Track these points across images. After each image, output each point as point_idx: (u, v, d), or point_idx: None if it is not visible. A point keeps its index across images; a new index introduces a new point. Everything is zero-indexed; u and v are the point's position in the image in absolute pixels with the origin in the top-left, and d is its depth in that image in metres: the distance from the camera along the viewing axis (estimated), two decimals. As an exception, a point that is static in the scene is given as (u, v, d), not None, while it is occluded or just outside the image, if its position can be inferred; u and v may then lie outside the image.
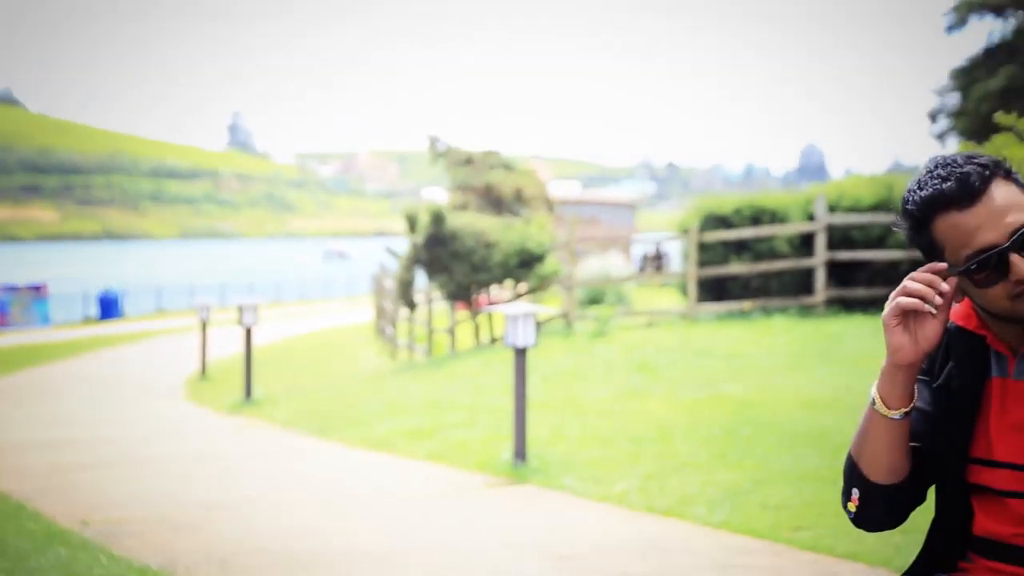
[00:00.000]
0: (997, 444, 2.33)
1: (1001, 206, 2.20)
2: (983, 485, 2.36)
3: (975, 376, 2.37)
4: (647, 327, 17.20)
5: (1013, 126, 21.00)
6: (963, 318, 2.39)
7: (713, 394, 11.17)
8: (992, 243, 2.19)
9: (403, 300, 19.95)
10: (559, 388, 12.28)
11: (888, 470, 2.37)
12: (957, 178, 2.20)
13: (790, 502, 6.96)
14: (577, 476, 8.13)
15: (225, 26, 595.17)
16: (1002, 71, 42.06)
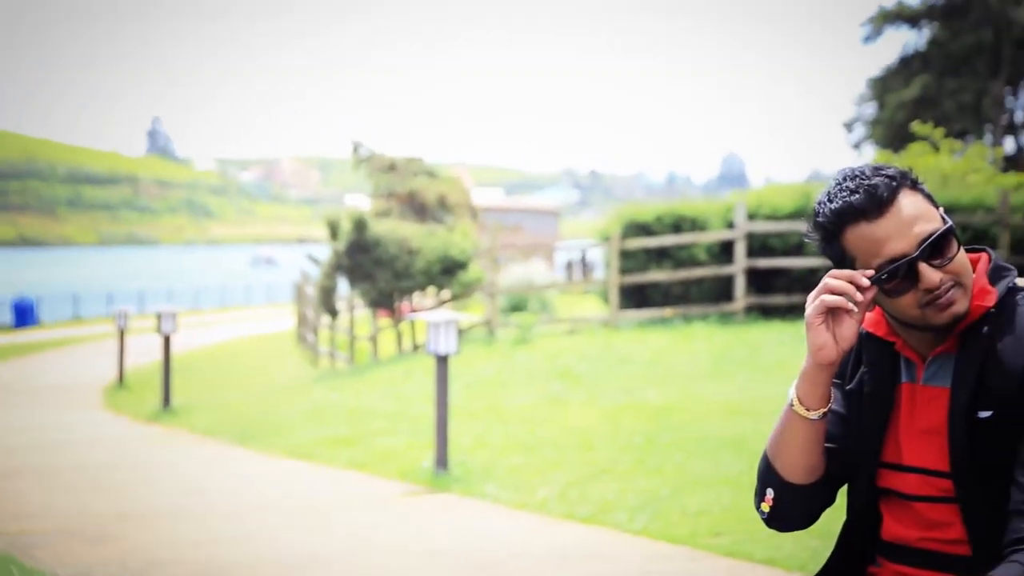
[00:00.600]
0: (906, 449, 2.36)
1: (909, 216, 2.24)
2: (892, 489, 2.39)
3: (886, 382, 2.40)
4: (569, 334, 17.25)
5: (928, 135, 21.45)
6: (873, 325, 2.43)
7: (634, 401, 11.23)
8: (901, 253, 2.22)
9: (325, 307, 19.83)
10: (481, 396, 12.27)
11: (804, 470, 2.40)
12: (865, 190, 2.24)
13: (709, 508, 7.01)
14: (498, 484, 8.13)
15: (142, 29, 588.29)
16: (916, 81, 42.84)
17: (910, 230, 2.23)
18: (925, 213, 2.25)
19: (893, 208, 2.23)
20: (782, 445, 2.40)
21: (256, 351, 26.03)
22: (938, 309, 2.25)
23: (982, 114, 43.21)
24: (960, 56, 43.05)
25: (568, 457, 8.92)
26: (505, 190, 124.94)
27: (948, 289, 2.24)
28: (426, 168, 26.52)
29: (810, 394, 2.33)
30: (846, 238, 2.27)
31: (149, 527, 7.31)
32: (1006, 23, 42.51)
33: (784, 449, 2.40)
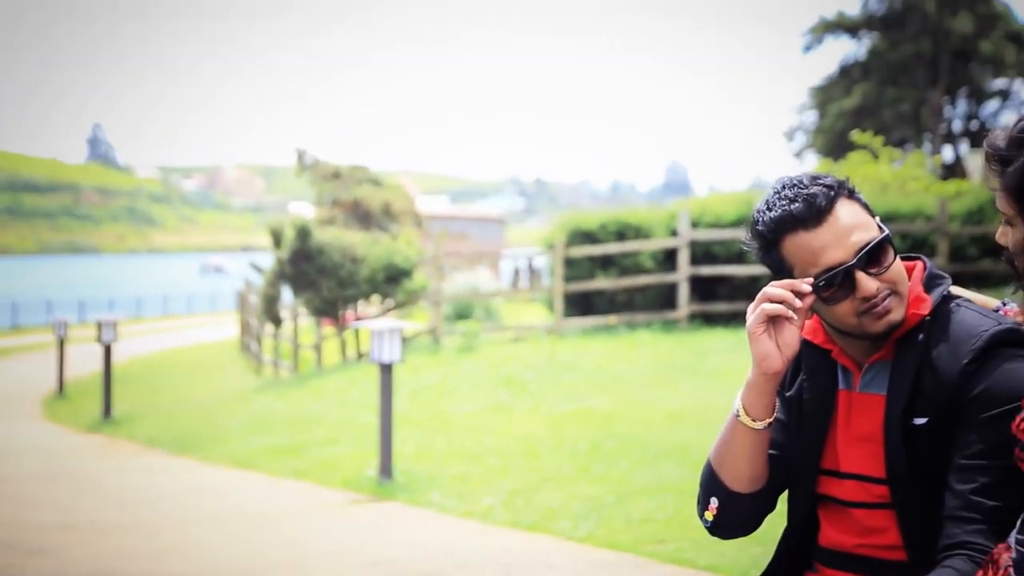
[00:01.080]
0: (843, 456, 2.39)
1: (846, 226, 2.26)
2: (830, 496, 2.41)
3: (824, 389, 2.43)
4: (514, 342, 17.27)
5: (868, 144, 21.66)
6: (811, 332, 2.45)
7: (578, 408, 11.25)
8: (839, 261, 2.25)
9: (268, 316, 19.72)
10: (426, 404, 12.25)
11: (748, 479, 2.41)
12: (804, 199, 2.26)
13: (653, 515, 7.04)
14: (443, 492, 8.12)
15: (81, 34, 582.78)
16: (856, 90, 43.36)
17: (847, 239, 2.25)
18: (862, 222, 2.28)
19: (831, 217, 2.26)
20: (727, 455, 2.41)
21: (199, 360, 25.82)
22: (875, 317, 2.28)
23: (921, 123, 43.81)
24: (899, 66, 43.63)
25: (513, 465, 8.92)
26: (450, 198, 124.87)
27: (885, 297, 2.27)
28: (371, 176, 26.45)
29: (756, 404, 2.34)
30: (784, 247, 2.30)
31: (89, 538, 7.23)
32: (944, 33, 43.15)
33: (729, 459, 2.41)
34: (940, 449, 2.24)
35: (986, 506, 2.14)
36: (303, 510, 8.00)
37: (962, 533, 2.14)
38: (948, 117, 45.33)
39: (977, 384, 2.21)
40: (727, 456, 2.41)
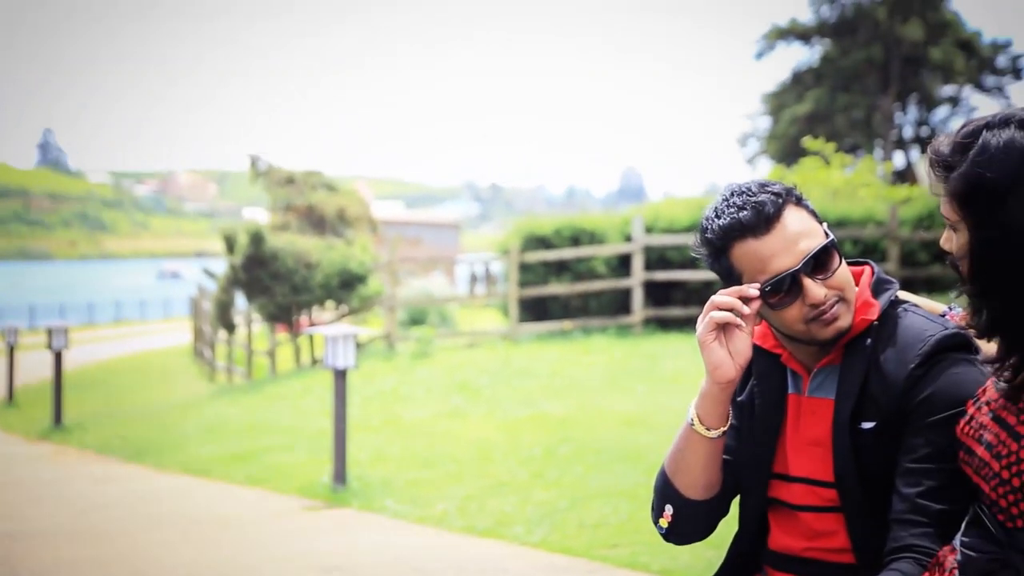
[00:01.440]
0: (792, 460, 2.41)
1: (794, 233, 2.29)
2: (780, 500, 2.43)
3: (775, 393, 2.45)
4: (469, 348, 17.26)
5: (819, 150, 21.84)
6: (760, 338, 2.47)
7: (533, 413, 11.26)
8: (786, 268, 2.27)
9: (221, 322, 19.60)
10: (380, 410, 12.22)
11: (703, 487, 2.43)
12: (752, 207, 2.28)
13: (607, 520, 7.06)
14: (397, 498, 8.10)
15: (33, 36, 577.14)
16: (809, 96, 43.70)
17: (795, 246, 2.28)
18: (809, 229, 2.31)
19: (779, 225, 2.28)
20: (681, 463, 2.43)
21: (152, 367, 25.62)
22: (823, 324, 2.30)
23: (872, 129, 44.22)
24: (851, 72, 44.02)
25: (467, 470, 8.92)
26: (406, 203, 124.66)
27: (832, 304, 2.30)
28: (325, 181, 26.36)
29: (710, 413, 2.36)
30: (733, 254, 2.32)
31: (39, 547, 7.15)
32: (894, 41, 43.59)
33: (683, 467, 2.42)
34: (887, 453, 2.26)
35: (932, 509, 2.16)
36: (256, 517, 7.96)
37: (908, 536, 2.17)
38: (899, 123, 45.78)
39: (923, 389, 2.23)
40: (682, 464, 2.43)
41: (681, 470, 2.43)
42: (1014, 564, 1.96)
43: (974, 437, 2.06)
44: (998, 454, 1.97)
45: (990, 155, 1.93)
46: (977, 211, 1.94)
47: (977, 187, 1.93)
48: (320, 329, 8.92)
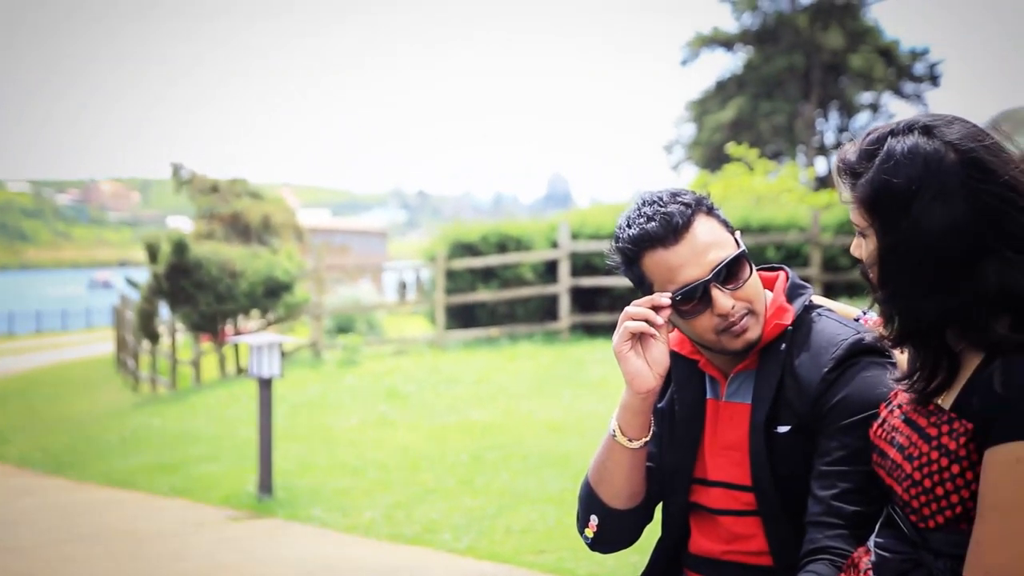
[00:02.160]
0: (711, 464, 2.43)
1: (703, 244, 2.31)
2: (700, 504, 2.45)
3: (693, 399, 2.47)
4: (396, 355, 17.21)
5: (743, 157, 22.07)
6: (678, 344, 2.49)
7: (460, 420, 11.26)
8: (695, 279, 2.30)
9: (144, 332, 19.36)
10: (307, 418, 12.14)
11: (627, 496, 2.45)
12: (661, 217, 2.30)
13: (534, 526, 7.08)
14: (324, 507, 8.06)
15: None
16: (732, 103, 44.13)
17: (704, 257, 2.30)
18: (719, 240, 2.33)
19: (688, 235, 2.30)
20: (605, 474, 2.44)
21: (73, 377, 25.23)
22: (732, 336, 2.33)
23: (795, 135, 44.75)
24: (773, 80, 44.52)
25: (395, 478, 8.90)
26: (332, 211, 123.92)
27: (741, 316, 2.32)
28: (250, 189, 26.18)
29: (631, 424, 2.37)
30: (644, 263, 2.33)
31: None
32: (815, 48, 44.16)
33: (607, 477, 2.44)
34: (803, 456, 2.29)
35: (846, 511, 2.19)
36: (181, 528, 7.87)
37: (824, 538, 2.20)
38: (821, 130, 46.36)
39: (837, 392, 2.27)
40: (605, 475, 2.44)
41: (604, 481, 2.44)
42: (926, 564, 2.00)
43: (886, 439, 2.10)
44: (910, 456, 2.00)
45: (895, 161, 1.96)
46: (884, 217, 1.98)
47: (883, 193, 1.97)
48: (245, 338, 8.84)
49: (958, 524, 1.96)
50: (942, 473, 1.95)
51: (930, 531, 2.00)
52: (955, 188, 1.92)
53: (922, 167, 1.94)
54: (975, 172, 1.93)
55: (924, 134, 1.97)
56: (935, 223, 1.92)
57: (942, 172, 1.93)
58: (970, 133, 1.97)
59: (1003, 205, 1.91)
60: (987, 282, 1.91)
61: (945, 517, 1.96)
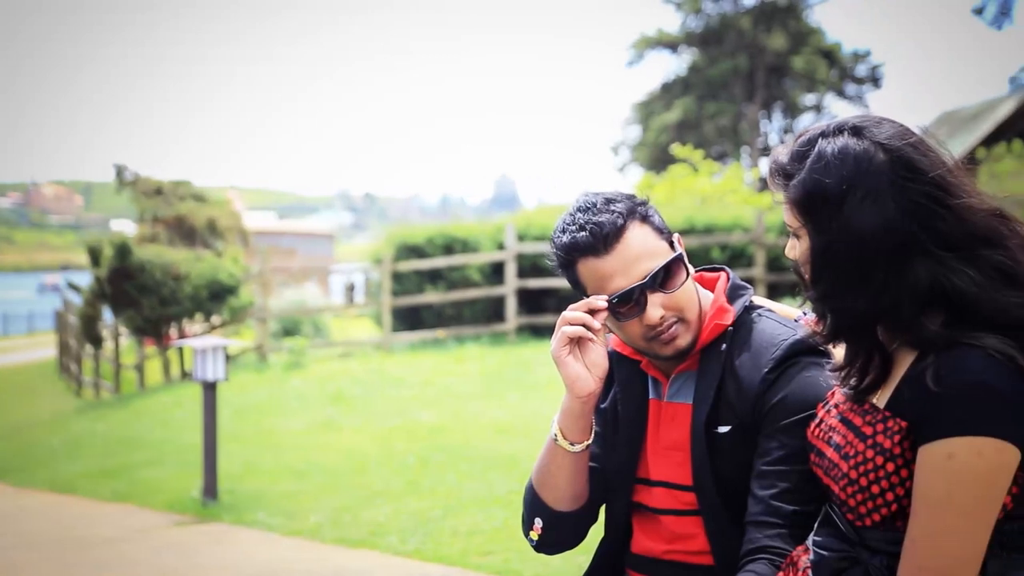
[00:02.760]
0: (653, 464, 2.44)
1: (633, 255, 2.31)
2: (643, 504, 2.46)
3: (637, 399, 2.48)
4: (342, 358, 17.15)
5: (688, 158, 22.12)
6: (621, 344, 2.50)
7: (407, 423, 11.23)
8: (625, 289, 2.31)
9: (87, 336, 19.16)
10: (252, 422, 12.07)
11: (571, 499, 2.45)
12: (592, 227, 2.31)
13: (480, 527, 7.08)
14: (269, 511, 8.01)
15: None
16: (678, 104, 44.38)
17: (634, 268, 2.31)
18: (651, 249, 2.33)
19: (618, 246, 2.30)
20: (548, 477, 2.45)
21: (14, 382, 24.92)
22: (662, 343, 2.35)
23: (739, 137, 45.08)
24: (718, 81, 44.81)
25: (341, 481, 8.86)
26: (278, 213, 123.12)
27: (670, 325, 2.34)
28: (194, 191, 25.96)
29: (572, 428, 2.38)
30: (578, 269, 2.35)
31: None
32: (759, 50, 44.50)
33: (550, 481, 2.44)
34: (743, 456, 2.31)
35: (785, 510, 2.21)
36: (124, 533, 7.80)
37: (763, 538, 2.21)
38: (765, 131, 46.73)
39: (776, 392, 2.28)
40: (548, 479, 2.45)
41: (548, 484, 2.45)
42: (863, 561, 2.02)
43: (824, 439, 2.12)
44: (846, 455, 2.02)
45: (826, 162, 1.99)
46: (816, 217, 2.00)
47: (815, 193, 1.99)
48: (189, 341, 8.78)
49: (894, 521, 1.98)
50: (877, 471, 1.97)
51: (867, 529, 2.02)
52: (884, 187, 1.95)
53: (852, 167, 1.96)
54: (904, 171, 1.96)
55: (854, 135, 2.00)
56: (865, 222, 1.94)
57: (871, 172, 1.96)
58: (898, 133, 2.00)
59: (931, 203, 1.94)
60: (918, 280, 1.94)
61: (881, 515, 1.98)
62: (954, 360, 1.89)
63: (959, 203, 1.95)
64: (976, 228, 1.95)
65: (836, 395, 2.15)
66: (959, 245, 1.94)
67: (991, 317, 1.92)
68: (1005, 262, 1.95)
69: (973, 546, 1.88)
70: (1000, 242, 1.96)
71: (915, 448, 1.93)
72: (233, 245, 23.93)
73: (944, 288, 1.93)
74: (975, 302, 1.92)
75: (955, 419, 1.86)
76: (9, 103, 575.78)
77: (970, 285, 1.92)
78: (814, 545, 2.11)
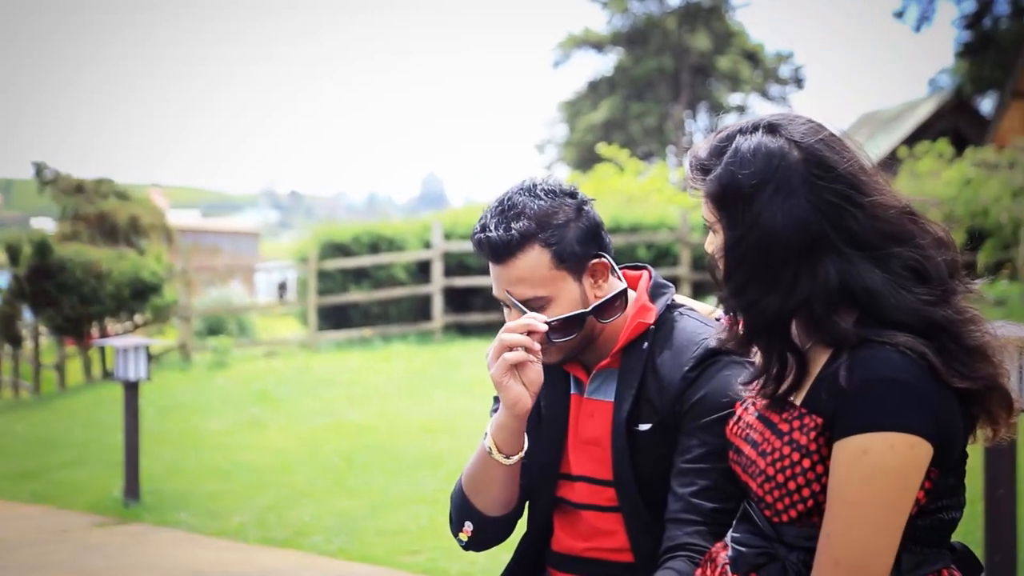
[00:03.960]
0: (574, 459, 2.46)
1: (516, 277, 2.35)
2: (565, 499, 2.48)
3: (559, 395, 2.50)
4: (267, 357, 17.03)
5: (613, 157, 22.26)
6: None
7: (333, 422, 11.19)
8: (501, 299, 2.40)
9: (6, 336, 18.83)
10: (176, 422, 11.95)
11: (503, 504, 2.47)
12: (489, 237, 2.36)
13: (406, 527, 7.07)
14: (192, 511, 7.94)
15: None
16: (604, 104, 44.61)
17: (515, 288, 2.35)
18: (540, 279, 2.35)
19: (511, 262, 2.35)
20: (480, 486, 2.45)
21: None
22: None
23: (665, 136, 45.40)
24: (643, 81, 45.11)
25: (266, 481, 8.81)
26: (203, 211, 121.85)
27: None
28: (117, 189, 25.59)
29: (508, 442, 2.39)
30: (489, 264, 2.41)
31: None
32: (684, 50, 44.86)
33: (482, 490, 2.45)
34: (663, 454, 2.33)
35: (705, 508, 2.24)
36: (44, 535, 7.68)
37: (683, 535, 2.23)
38: (690, 131, 47.13)
39: (697, 391, 2.31)
40: (480, 487, 2.45)
41: (480, 492, 2.46)
42: (780, 557, 2.04)
43: (742, 436, 2.14)
44: (763, 452, 2.05)
45: (742, 157, 2.02)
46: (730, 212, 2.03)
47: (729, 189, 2.02)
48: (110, 341, 8.67)
49: (810, 518, 2.00)
50: (794, 468, 1.99)
51: (784, 525, 2.04)
52: (797, 184, 1.98)
53: (765, 163, 2.00)
54: (816, 169, 1.99)
55: (769, 132, 2.04)
56: (776, 218, 1.97)
57: (784, 168, 1.99)
58: (812, 130, 2.04)
59: (843, 202, 1.98)
60: (829, 278, 1.97)
61: (798, 511, 2.01)
62: (866, 357, 1.92)
63: (871, 201, 1.99)
64: (887, 226, 1.99)
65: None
66: (870, 243, 1.97)
67: (902, 315, 1.95)
68: (916, 260, 1.98)
69: (887, 540, 1.90)
70: (911, 240, 1.99)
71: (831, 445, 1.95)
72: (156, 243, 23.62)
73: (854, 286, 1.96)
74: (886, 300, 1.95)
75: (868, 415, 1.89)
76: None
77: (880, 283, 1.96)
78: (732, 541, 2.13)
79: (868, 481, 1.88)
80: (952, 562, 2.06)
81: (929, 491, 1.96)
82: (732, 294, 2.06)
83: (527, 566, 2.57)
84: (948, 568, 2.03)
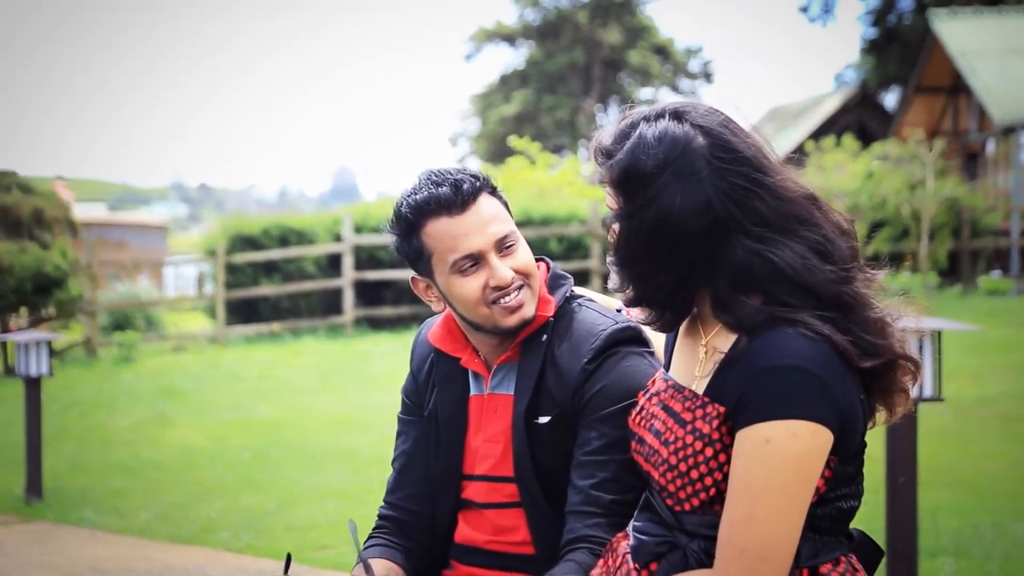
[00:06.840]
0: (476, 459, 2.44)
1: (488, 216, 2.33)
2: (467, 499, 2.46)
3: (457, 396, 2.47)
4: (175, 352, 16.81)
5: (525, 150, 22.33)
6: (440, 340, 2.49)
7: (242, 417, 11.07)
8: (477, 249, 2.31)
9: (-97, 332, 18.35)
10: (79, 418, 11.74)
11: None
12: (451, 184, 2.32)
13: (316, 522, 7.02)
14: (97, 508, 7.80)
15: None
16: (516, 97, 44.69)
17: (487, 228, 2.32)
18: (503, 216, 2.36)
19: (474, 206, 2.32)
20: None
21: None
22: (506, 311, 2.33)
23: (576, 130, 45.59)
24: (555, 74, 45.24)
25: (172, 477, 8.69)
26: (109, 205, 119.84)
27: (518, 288, 2.33)
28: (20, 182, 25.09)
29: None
30: (426, 231, 2.33)
31: None
32: (595, 44, 45.08)
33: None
34: (563, 447, 2.32)
35: (605, 500, 2.23)
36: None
37: (583, 527, 2.23)
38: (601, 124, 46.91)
39: (596, 383, 2.30)
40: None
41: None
42: (682, 545, 2.05)
43: (644, 426, 2.14)
44: (666, 441, 2.05)
45: (646, 143, 2.03)
46: (629, 193, 2.04)
47: (632, 173, 2.03)
48: (10, 336, 8.49)
49: (712, 506, 2.01)
50: (696, 456, 1.99)
51: (685, 514, 2.04)
52: (702, 168, 1.99)
53: (670, 148, 2.00)
54: (722, 152, 2.00)
55: (674, 118, 2.05)
56: (676, 200, 1.98)
57: (689, 153, 2.00)
58: (715, 116, 2.05)
59: (748, 184, 1.99)
60: (734, 259, 1.98)
61: (700, 499, 2.01)
62: (769, 343, 1.93)
63: (775, 181, 2.01)
64: (793, 208, 2.01)
65: (657, 383, 2.18)
66: (776, 222, 1.99)
67: (808, 293, 1.96)
68: (819, 241, 2.00)
69: (789, 528, 1.91)
70: (814, 222, 2.01)
71: (733, 433, 1.95)
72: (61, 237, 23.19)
73: (757, 269, 1.97)
74: (792, 277, 1.96)
75: (770, 403, 1.89)
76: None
77: (791, 258, 1.97)
78: (634, 531, 2.13)
79: (771, 469, 1.89)
80: (851, 550, 2.08)
81: (828, 480, 1.97)
82: (619, 263, 2.07)
83: (433, 561, 2.55)
84: (846, 556, 2.05)
